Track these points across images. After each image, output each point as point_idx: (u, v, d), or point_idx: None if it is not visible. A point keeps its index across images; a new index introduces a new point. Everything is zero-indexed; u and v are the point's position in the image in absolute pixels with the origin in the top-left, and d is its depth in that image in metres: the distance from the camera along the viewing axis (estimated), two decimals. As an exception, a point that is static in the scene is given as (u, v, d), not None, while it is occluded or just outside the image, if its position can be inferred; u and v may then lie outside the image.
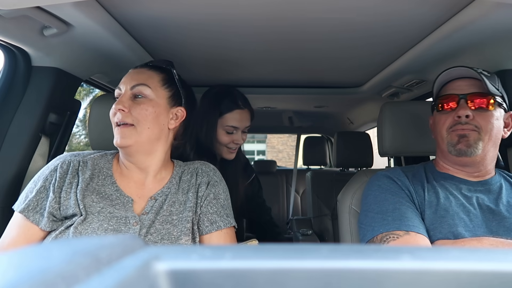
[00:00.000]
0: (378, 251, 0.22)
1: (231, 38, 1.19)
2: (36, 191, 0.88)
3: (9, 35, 0.95)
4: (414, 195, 0.98)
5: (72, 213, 0.86)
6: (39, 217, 0.86)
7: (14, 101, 1.12)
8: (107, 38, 1.06)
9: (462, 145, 0.93)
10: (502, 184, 0.99)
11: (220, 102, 1.36)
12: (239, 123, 1.36)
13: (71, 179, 0.89)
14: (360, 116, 2.52)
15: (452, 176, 1.01)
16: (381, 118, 1.30)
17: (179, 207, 0.93)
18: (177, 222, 0.91)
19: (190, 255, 0.22)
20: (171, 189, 0.96)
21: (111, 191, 0.91)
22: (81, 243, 0.22)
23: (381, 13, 0.97)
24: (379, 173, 1.07)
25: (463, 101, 0.94)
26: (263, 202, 1.75)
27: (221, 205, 0.98)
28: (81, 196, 0.87)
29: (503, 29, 0.97)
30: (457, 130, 0.94)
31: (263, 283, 0.20)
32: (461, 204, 0.94)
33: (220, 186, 1.02)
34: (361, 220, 1.01)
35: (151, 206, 0.91)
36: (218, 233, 0.95)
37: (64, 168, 0.90)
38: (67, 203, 0.87)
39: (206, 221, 0.95)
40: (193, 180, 0.99)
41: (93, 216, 0.86)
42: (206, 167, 1.04)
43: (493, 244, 0.85)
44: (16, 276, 0.16)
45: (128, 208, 0.89)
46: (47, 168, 0.92)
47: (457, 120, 0.94)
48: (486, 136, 0.93)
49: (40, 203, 0.87)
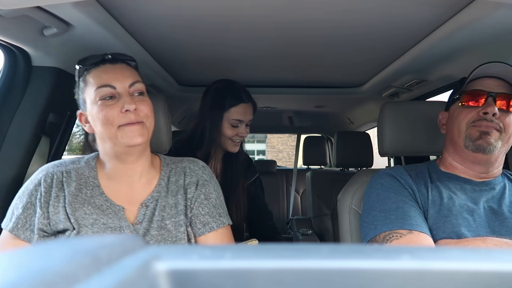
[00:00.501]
0: (378, 251, 0.22)
1: (231, 38, 1.19)
2: (22, 208, 0.86)
3: (9, 35, 0.95)
4: (417, 194, 0.97)
5: (63, 227, 0.85)
6: (30, 233, 0.85)
7: (14, 101, 1.12)
8: (107, 38, 1.06)
9: (483, 141, 0.92)
10: (506, 184, 0.99)
11: (224, 96, 1.39)
12: (244, 116, 1.40)
13: (57, 192, 0.87)
14: (360, 116, 2.52)
15: (457, 176, 1.01)
16: (381, 118, 1.30)
17: (170, 211, 0.92)
18: (170, 227, 0.91)
19: (190, 255, 0.22)
20: (160, 193, 0.94)
21: (101, 201, 0.89)
22: (81, 243, 0.22)
23: (381, 12, 0.97)
24: (382, 171, 1.06)
25: (491, 99, 0.94)
26: (265, 206, 1.75)
27: (212, 205, 0.97)
28: (71, 210, 0.85)
29: (503, 29, 0.97)
30: (481, 126, 0.94)
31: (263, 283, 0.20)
32: (465, 204, 0.94)
33: (210, 185, 0.99)
34: (363, 219, 1.00)
35: (143, 214, 0.90)
36: (213, 233, 0.94)
37: (48, 182, 0.88)
38: (56, 218, 0.85)
39: (199, 223, 0.94)
40: (181, 181, 0.96)
41: (86, 229, 0.85)
42: (195, 165, 1.01)
43: (497, 244, 0.85)
44: (16, 276, 0.16)
45: (121, 217, 0.88)
46: (31, 183, 0.89)
47: (482, 116, 0.93)
48: (506, 137, 0.93)
49: (29, 220, 0.85)
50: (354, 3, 0.91)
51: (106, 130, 0.85)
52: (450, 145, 1.03)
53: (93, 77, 0.86)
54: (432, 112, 1.17)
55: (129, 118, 0.85)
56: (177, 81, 1.83)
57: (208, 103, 1.41)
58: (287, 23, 1.05)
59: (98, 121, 0.85)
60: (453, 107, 1.03)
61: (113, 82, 0.85)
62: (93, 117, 0.87)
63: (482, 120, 0.94)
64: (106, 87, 0.85)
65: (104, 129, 0.85)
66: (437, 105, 1.23)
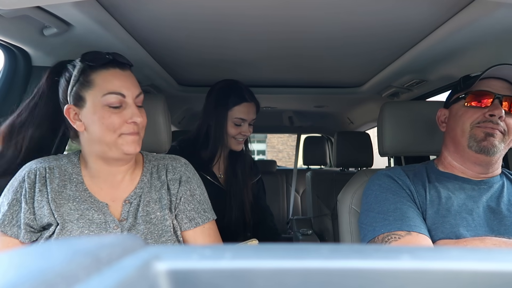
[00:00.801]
0: (378, 251, 0.22)
1: (232, 38, 1.19)
2: (8, 205, 0.86)
3: (9, 35, 0.95)
4: (415, 195, 0.98)
5: (47, 222, 0.86)
6: (17, 229, 0.85)
7: (14, 101, 1.12)
8: (107, 38, 1.06)
9: (488, 143, 0.92)
10: (504, 183, 0.99)
11: (228, 95, 1.41)
12: (247, 115, 1.43)
13: (40, 187, 0.87)
14: (360, 116, 2.52)
15: (456, 176, 1.01)
16: (381, 118, 1.30)
17: (155, 206, 0.94)
18: (156, 221, 0.93)
19: (190, 255, 0.22)
20: (143, 188, 0.95)
21: (85, 197, 0.90)
22: (81, 242, 0.22)
23: (381, 12, 0.97)
24: (380, 172, 1.06)
25: (498, 101, 0.94)
26: (267, 207, 1.76)
27: (197, 201, 0.99)
28: (55, 206, 0.86)
29: (503, 29, 0.97)
30: (486, 127, 0.93)
31: (263, 283, 0.20)
32: (463, 204, 0.94)
33: (193, 181, 1.02)
34: (362, 220, 1.00)
35: (127, 211, 0.92)
36: (199, 228, 0.98)
37: (32, 178, 0.88)
38: (40, 212, 0.86)
39: (185, 218, 0.97)
40: (163, 177, 0.98)
41: (72, 224, 0.86)
42: (177, 162, 1.02)
43: (496, 244, 0.85)
44: (16, 276, 0.16)
45: (106, 212, 0.89)
46: (15, 180, 0.89)
47: (488, 118, 0.93)
48: (509, 139, 0.94)
49: (15, 217, 0.86)
50: (354, 4, 0.91)
51: (106, 136, 0.86)
52: (451, 144, 1.02)
53: (102, 80, 0.85)
54: (432, 112, 1.17)
55: (132, 128, 0.87)
56: (177, 81, 1.83)
57: (212, 102, 1.43)
58: (287, 23, 1.05)
59: (99, 125, 0.85)
60: (456, 106, 1.02)
61: (123, 91, 0.86)
62: (92, 119, 0.85)
63: (488, 121, 0.93)
64: (117, 94, 0.85)
65: (104, 134, 0.85)
66: (437, 105, 1.23)
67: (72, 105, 0.87)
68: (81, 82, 0.86)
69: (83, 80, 0.86)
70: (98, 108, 0.84)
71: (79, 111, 0.87)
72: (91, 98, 0.85)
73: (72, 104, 0.87)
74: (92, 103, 0.85)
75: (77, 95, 0.86)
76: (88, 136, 0.89)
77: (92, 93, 0.85)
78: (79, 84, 0.86)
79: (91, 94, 0.85)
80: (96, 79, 0.85)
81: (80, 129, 0.88)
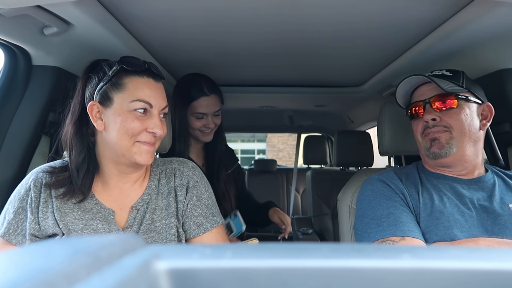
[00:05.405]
0: (378, 250, 0.22)
1: (232, 37, 1.19)
2: (14, 213, 0.86)
3: (10, 34, 0.95)
4: (408, 198, 0.98)
5: (52, 232, 0.86)
6: (22, 238, 0.85)
7: (15, 100, 1.12)
8: (108, 37, 1.06)
9: (435, 148, 0.97)
10: (495, 181, 0.99)
11: (188, 91, 1.41)
12: (206, 109, 1.42)
13: (46, 197, 0.87)
14: (361, 115, 2.52)
15: (445, 175, 1.01)
16: (381, 117, 1.30)
17: (161, 213, 0.93)
18: (160, 229, 0.91)
19: (190, 254, 0.22)
20: (151, 195, 0.94)
21: (91, 205, 0.89)
22: (82, 242, 0.22)
23: (381, 12, 0.97)
24: (372, 177, 1.07)
25: (428, 106, 0.99)
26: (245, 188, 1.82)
27: (205, 206, 0.97)
28: (59, 215, 0.86)
29: (503, 29, 0.97)
30: (428, 134, 0.98)
31: (263, 282, 0.20)
32: (456, 205, 0.94)
33: (201, 185, 0.99)
34: (357, 226, 1.01)
35: (134, 217, 0.90)
36: (208, 234, 0.95)
37: (38, 187, 0.87)
38: (45, 223, 0.86)
39: (193, 224, 0.94)
40: (172, 183, 0.96)
41: (76, 234, 0.85)
42: (184, 167, 1.00)
43: (489, 245, 0.85)
44: (17, 275, 0.16)
45: (111, 221, 0.88)
46: (21, 187, 0.89)
47: (426, 125, 0.98)
48: (458, 133, 0.95)
49: (20, 225, 0.85)
50: (355, 3, 0.91)
51: (123, 140, 0.85)
52: (420, 153, 1.07)
53: (134, 86, 0.86)
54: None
55: (149, 138, 0.87)
56: (177, 81, 1.83)
57: (174, 97, 1.44)
58: (287, 22, 1.05)
59: (119, 128, 0.84)
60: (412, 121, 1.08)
61: (152, 101, 0.87)
62: (114, 121, 0.85)
63: (427, 128, 0.99)
64: (145, 103, 0.86)
65: (121, 137, 0.85)
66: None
67: (98, 102, 0.86)
68: (113, 82, 0.86)
69: (115, 82, 0.86)
70: (124, 111, 0.84)
71: (103, 110, 0.86)
72: (119, 101, 0.85)
73: (98, 101, 0.86)
74: (119, 105, 0.85)
75: (106, 94, 0.86)
76: (105, 137, 0.88)
77: (122, 96, 0.85)
78: (110, 84, 0.86)
79: (120, 97, 0.85)
80: (129, 84, 0.86)
81: (99, 128, 0.87)
